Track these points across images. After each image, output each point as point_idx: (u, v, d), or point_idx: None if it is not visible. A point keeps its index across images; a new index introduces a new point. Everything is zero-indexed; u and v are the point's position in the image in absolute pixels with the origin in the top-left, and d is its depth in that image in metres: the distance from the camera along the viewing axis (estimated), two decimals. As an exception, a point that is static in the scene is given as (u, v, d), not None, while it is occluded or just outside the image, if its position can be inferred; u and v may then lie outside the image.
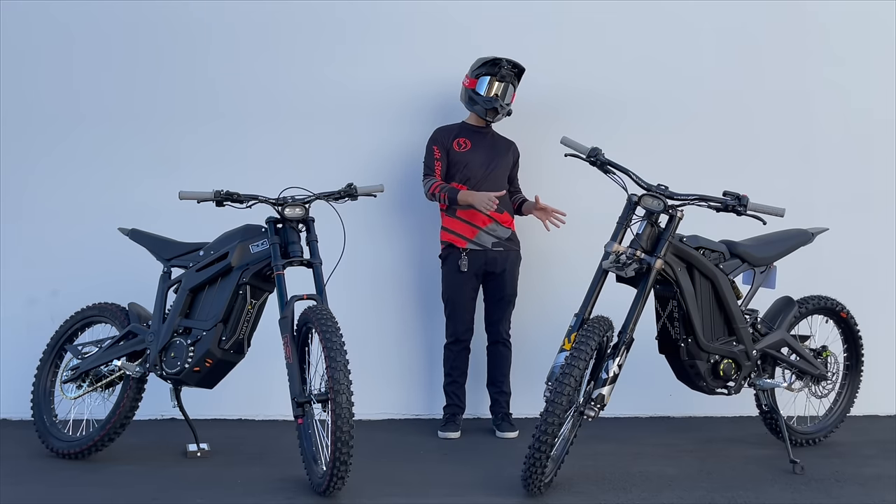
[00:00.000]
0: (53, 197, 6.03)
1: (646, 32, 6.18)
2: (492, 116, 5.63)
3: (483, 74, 5.59)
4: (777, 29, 6.22)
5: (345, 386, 4.26)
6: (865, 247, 6.19)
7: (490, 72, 5.58)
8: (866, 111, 6.23)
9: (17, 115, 6.03)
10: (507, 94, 5.62)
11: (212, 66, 6.08)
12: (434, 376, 5.99)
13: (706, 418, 6.06)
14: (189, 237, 5.22)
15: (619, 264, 4.56)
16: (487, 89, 5.58)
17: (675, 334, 4.84)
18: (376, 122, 6.08)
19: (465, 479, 4.73)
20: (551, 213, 5.64)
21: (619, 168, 4.71)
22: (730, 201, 4.66)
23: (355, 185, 4.94)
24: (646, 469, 4.91)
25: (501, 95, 5.59)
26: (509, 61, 5.59)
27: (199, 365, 4.84)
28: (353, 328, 4.92)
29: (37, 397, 5.26)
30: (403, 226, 6.11)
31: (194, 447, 5.14)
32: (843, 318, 5.49)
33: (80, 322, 5.30)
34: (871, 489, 4.61)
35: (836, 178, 6.22)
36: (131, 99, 6.05)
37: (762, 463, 5.04)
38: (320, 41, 6.09)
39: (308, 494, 4.45)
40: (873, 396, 5.93)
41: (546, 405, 4.31)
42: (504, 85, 5.59)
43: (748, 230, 5.14)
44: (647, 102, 6.15)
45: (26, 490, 4.56)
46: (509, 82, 5.61)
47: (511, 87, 5.63)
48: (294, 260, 4.73)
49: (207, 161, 6.00)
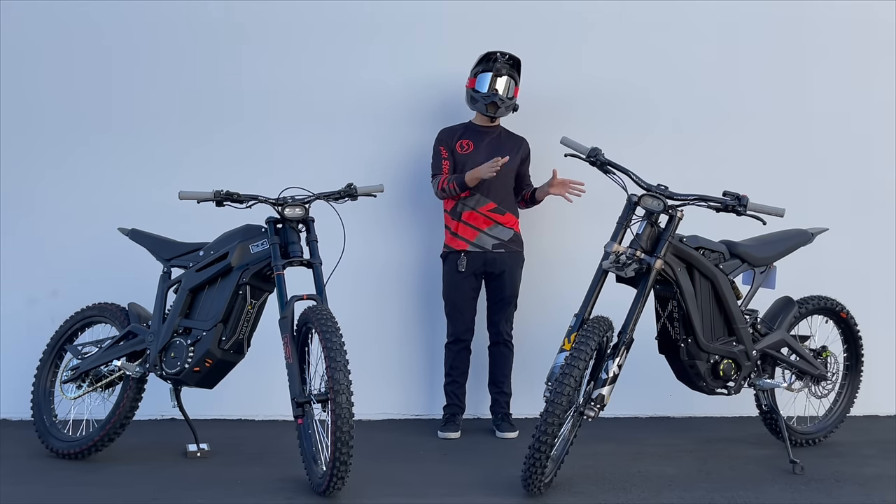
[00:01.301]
0: (54, 197, 6.02)
1: (646, 32, 6.18)
2: (493, 111, 5.60)
3: (481, 72, 5.59)
4: (777, 28, 6.22)
5: (345, 386, 4.26)
6: (865, 247, 6.19)
7: (486, 68, 5.58)
8: (867, 111, 6.23)
9: (18, 114, 6.02)
10: (509, 89, 5.61)
11: (212, 67, 6.07)
12: (434, 376, 5.99)
13: (706, 418, 6.06)
14: (189, 237, 5.22)
15: (619, 264, 4.56)
16: (487, 85, 5.57)
17: (675, 334, 4.84)
18: (376, 121, 6.08)
19: (465, 479, 4.73)
20: (569, 185, 5.57)
21: (618, 168, 4.71)
22: (730, 201, 4.66)
23: (355, 185, 4.94)
24: (646, 469, 4.91)
25: (502, 89, 5.59)
26: (504, 53, 5.59)
27: (199, 365, 4.84)
28: (353, 328, 4.92)
29: (37, 397, 5.26)
30: (404, 226, 6.11)
31: (194, 447, 5.14)
32: (843, 318, 5.49)
33: (80, 322, 5.30)
34: (871, 489, 4.61)
35: (836, 178, 6.22)
36: (131, 100, 6.04)
37: (762, 463, 5.04)
38: (320, 41, 6.09)
39: (308, 494, 4.45)
40: (873, 396, 5.93)
41: (546, 405, 4.31)
42: (503, 79, 5.58)
43: (748, 230, 5.14)
44: (646, 102, 6.15)
45: (26, 490, 4.56)
46: (508, 75, 5.59)
47: (511, 81, 5.61)
48: (294, 260, 4.73)
49: (207, 161, 5.99)
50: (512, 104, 5.64)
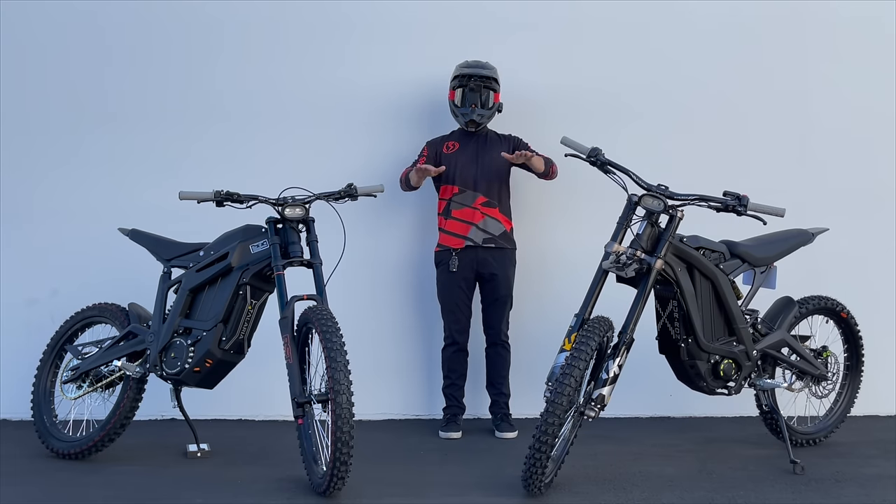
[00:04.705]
0: (54, 197, 6.03)
1: (646, 32, 6.18)
2: (473, 127, 5.68)
3: (457, 87, 5.67)
4: (777, 29, 6.22)
5: (345, 386, 4.25)
6: (866, 247, 6.19)
7: (462, 83, 5.65)
8: (867, 111, 6.23)
9: (18, 114, 6.03)
10: (488, 99, 5.65)
11: (213, 67, 6.08)
12: (434, 376, 5.99)
13: (706, 418, 6.06)
14: (189, 237, 5.22)
15: (620, 264, 4.56)
16: (463, 100, 5.64)
17: (675, 334, 4.84)
18: (377, 122, 6.08)
19: (465, 480, 4.73)
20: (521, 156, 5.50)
21: (619, 168, 4.70)
22: (730, 201, 4.66)
23: (355, 186, 4.94)
24: (646, 469, 4.90)
25: (480, 103, 5.62)
26: (479, 74, 5.61)
27: (199, 365, 4.84)
28: (353, 328, 4.93)
29: (37, 397, 5.26)
30: (404, 226, 6.11)
31: (194, 447, 5.14)
32: (844, 318, 5.48)
33: (80, 322, 5.30)
34: (872, 489, 4.60)
35: (836, 178, 6.22)
36: (132, 100, 6.05)
37: (762, 463, 5.04)
38: (321, 42, 6.09)
39: (308, 494, 4.45)
40: (874, 396, 5.93)
41: (546, 405, 4.30)
42: (480, 93, 5.62)
43: (748, 230, 5.14)
44: (647, 102, 6.15)
45: (26, 490, 4.56)
46: (486, 88, 5.64)
47: (490, 92, 5.66)
48: (294, 260, 4.73)
49: (207, 161, 6.00)
50: (493, 112, 5.69)
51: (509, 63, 5.91)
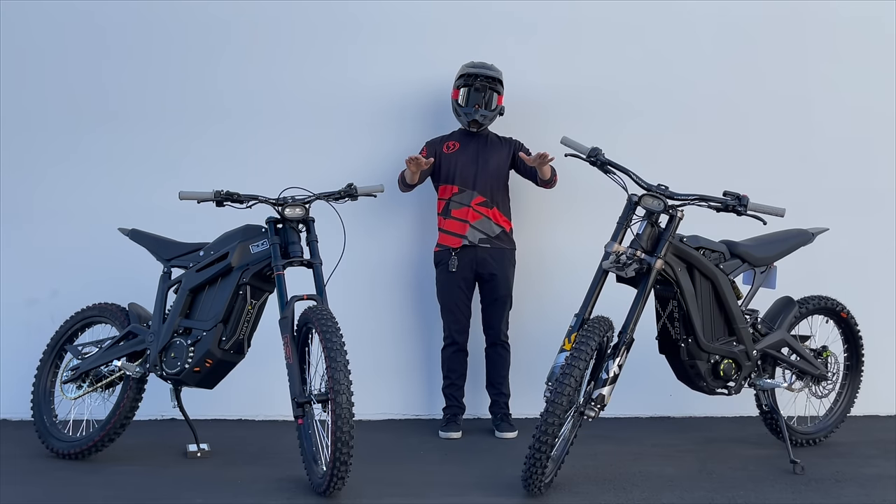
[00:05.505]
0: (53, 197, 6.02)
1: (646, 33, 6.18)
2: (475, 127, 5.67)
3: (462, 86, 5.65)
4: (777, 29, 6.22)
5: (345, 386, 4.25)
6: (866, 247, 6.19)
7: (467, 83, 5.64)
8: (867, 111, 6.23)
9: (17, 114, 6.02)
10: (491, 101, 5.65)
11: (214, 66, 6.07)
12: (433, 376, 5.98)
13: (706, 418, 6.06)
14: (189, 237, 5.22)
15: (620, 264, 4.56)
16: (467, 100, 5.62)
17: (675, 334, 4.84)
18: (377, 122, 6.08)
19: (465, 480, 4.73)
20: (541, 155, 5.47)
21: (619, 168, 4.70)
22: (730, 201, 4.66)
23: (355, 186, 4.94)
24: (646, 469, 4.90)
25: (483, 104, 5.62)
26: (484, 75, 5.61)
27: (199, 365, 4.84)
28: (352, 328, 4.93)
29: (37, 397, 5.26)
30: (404, 226, 6.11)
31: (194, 447, 5.14)
32: (844, 318, 5.49)
33: (80, 322, 5.30)
34: (872, 489, 4.60)
35: (836, 178, 6.21)
36: (132, 99, 6.05)
37: (762, 463, 5.04)
38: (324, 42, 6.09)
39: (308, 494, 4.45)
40: (874, 396, 5.93)
41: (546, 405, 4.30)
42: (484, 94, 5.61)
43: (748, 230, 5.14)
44: (647, 102, 6.15)
45: (26, 490, 4.56)
46: (490, 89, 5.63)
47: (493, 94, 5.65)
48: (294, 260, 4.73)
49: (207, 161, 5.99)
50: (495, 114, 5.68)
51: (511, 63, 5.90)
